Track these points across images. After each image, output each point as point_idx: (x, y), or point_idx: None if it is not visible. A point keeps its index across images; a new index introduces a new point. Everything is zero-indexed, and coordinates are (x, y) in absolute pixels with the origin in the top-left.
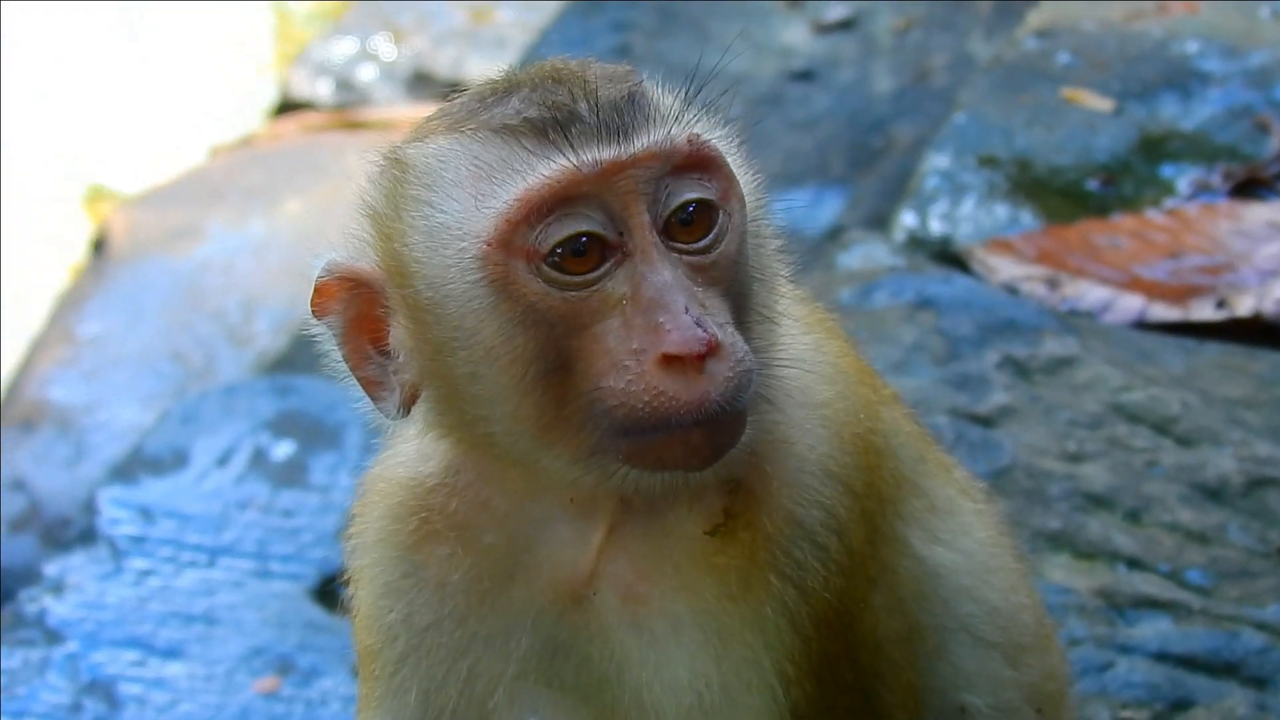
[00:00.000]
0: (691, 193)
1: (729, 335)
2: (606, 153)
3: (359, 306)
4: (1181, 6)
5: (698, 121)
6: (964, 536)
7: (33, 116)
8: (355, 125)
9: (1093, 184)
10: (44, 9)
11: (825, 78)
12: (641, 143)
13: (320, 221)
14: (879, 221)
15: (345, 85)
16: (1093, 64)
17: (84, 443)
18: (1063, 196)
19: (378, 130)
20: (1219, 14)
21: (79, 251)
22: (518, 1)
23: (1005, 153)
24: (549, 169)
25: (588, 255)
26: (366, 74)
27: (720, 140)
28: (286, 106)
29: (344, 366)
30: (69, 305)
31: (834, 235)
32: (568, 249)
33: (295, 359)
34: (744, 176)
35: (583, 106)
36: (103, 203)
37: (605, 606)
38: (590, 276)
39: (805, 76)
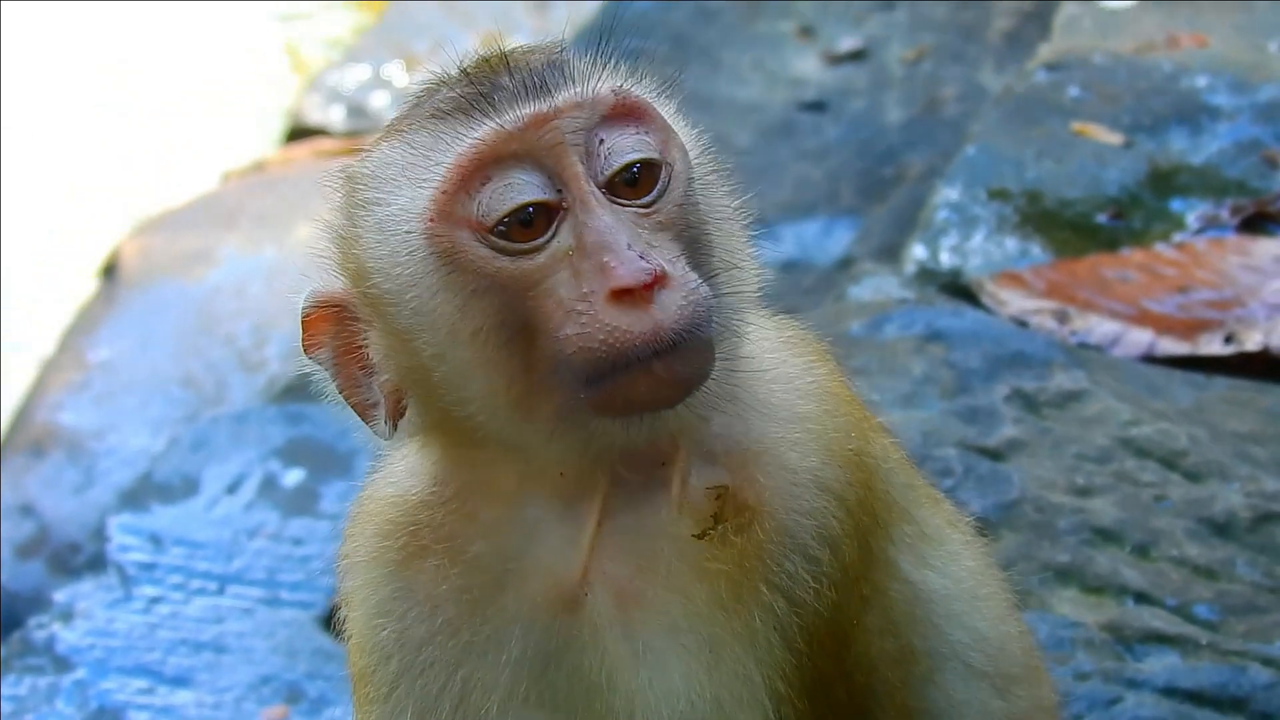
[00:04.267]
0: (633, 151)
1: (679, 268)
2: (528, 109)
3: (345, 336)
4: (1191, 40)
5: (623, 79)
6: (953, 564)
7: (40, 139)
8: None
9: (1102, 217)
10: (55, 35)
11: (837, 108)
12: (563, 96)
13: None
14: (890, 253)
15: (358, 111)
16: (1103, 97)
17: (94, 468)
18: (1072, 230)
19: None
20: (1228, 48)
21: (89, 275)
22: (529, 33)
23: (1016, 185)
24: (475, 134)
25: (534, 225)
26: (379, 100)
27: (649, 93)
28: (299, 133)
29: (339, 398)
30: (80, 329)
31: (845, 266)
32: (514, 220)
33: (306, 386)
34: (681, 127)
35: (504, 77)
36: (115, 226)
37: (598, 608)
38: (539, 242)
39: (817, 107)
